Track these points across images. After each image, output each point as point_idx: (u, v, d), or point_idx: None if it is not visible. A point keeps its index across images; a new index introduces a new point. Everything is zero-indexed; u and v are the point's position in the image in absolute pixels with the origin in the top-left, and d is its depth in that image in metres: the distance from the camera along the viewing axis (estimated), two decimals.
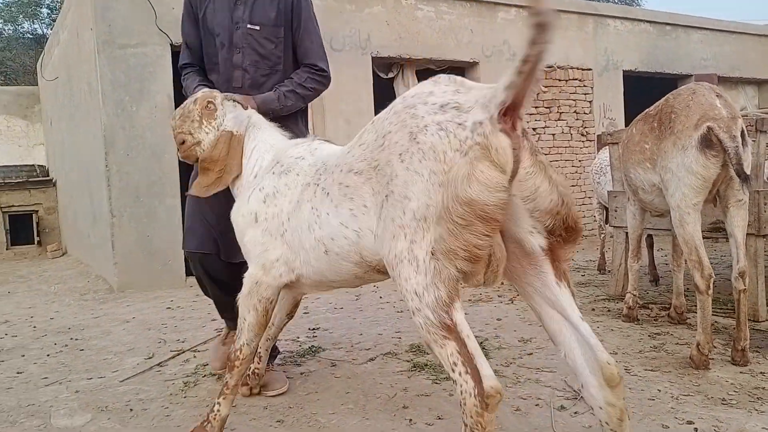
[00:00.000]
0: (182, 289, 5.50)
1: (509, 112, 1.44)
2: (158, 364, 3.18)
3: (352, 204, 1.73)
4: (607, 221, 5.68)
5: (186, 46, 2.79)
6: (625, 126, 8.87)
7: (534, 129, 8.24)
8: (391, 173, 1.56)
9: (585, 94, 8.73)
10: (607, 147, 4.58)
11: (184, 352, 3.42)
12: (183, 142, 2.36)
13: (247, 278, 2.10)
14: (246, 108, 2.39)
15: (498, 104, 1.43)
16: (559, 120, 8.49)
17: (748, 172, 2.55)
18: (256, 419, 2.39)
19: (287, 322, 2.61)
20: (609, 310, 3.94)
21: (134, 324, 4.21)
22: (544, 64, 1.43)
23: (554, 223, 1.55)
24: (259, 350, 2.54)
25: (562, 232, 1.57)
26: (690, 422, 2.18)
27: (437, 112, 1.51)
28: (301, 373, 2.92)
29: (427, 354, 3.08)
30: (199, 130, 2.32)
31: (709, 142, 2.57)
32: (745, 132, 2.60)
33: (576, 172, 8.57)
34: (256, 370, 2.59)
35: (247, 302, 2.09)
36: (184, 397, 2.65)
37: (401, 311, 4.19)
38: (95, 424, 2.38)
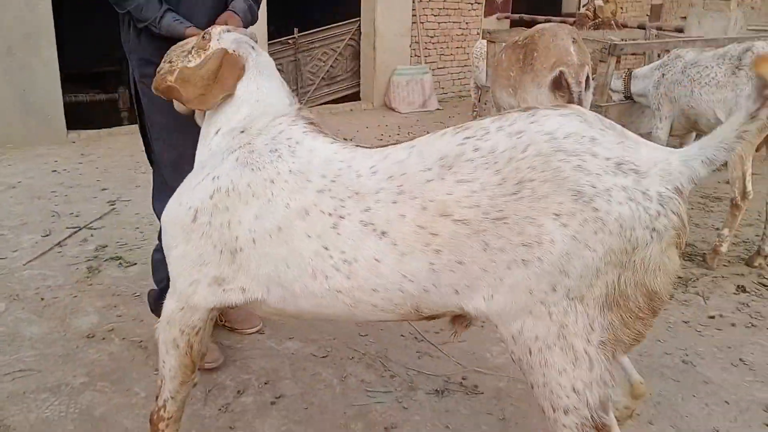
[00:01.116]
0: (64, 147, 5.45)
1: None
2: (57, 244, 3.40)
3: (436, 258, 1.33)
4: (480, 100, 6.17)
5: None
6: None
7: None
8: (538, 235, 1.24)
9: None
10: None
11: (80, 229, 3.63)
12: (159, 70, 1.85)
13: (168, 301, 1.62)
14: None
15: (691, 178, 1.24)
16: None
17: None
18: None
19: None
20: None
21: (21, 191, 4.27)
22: None
23: None
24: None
25: None
26: None
27: (617, 173, 1.21)
28: None
29: None
30: (183, 59, 1.79)
31: (559, 84, 3.00)
32: (590, 77, 3.04)
33: (462, 35, 8.81)
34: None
35: (165, 336, 1.62)
36: (90, 285, 2.95)
37: None
38: (11, 314, 2.67)
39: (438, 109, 7.84)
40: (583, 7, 8.09)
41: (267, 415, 2.11)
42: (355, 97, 8.00)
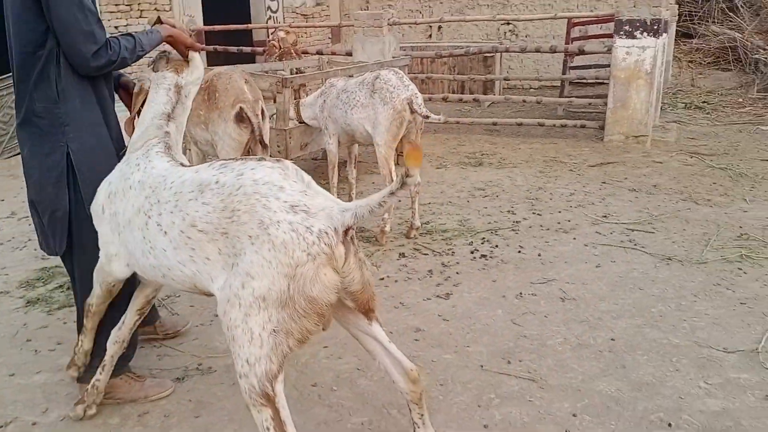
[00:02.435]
0: None
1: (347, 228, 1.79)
2: None
3: (192, 253, 1.89)
4: None
5: (97, 20, 2.30)
6: (204, 22, 9.66)
7: (116, 28, 8.42)
8: (240, 249, 1.76)
9: None
10: None
11: None
12: None
13: (99, 259, 2.32)
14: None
15: (344, 224, 1.77)
16: (140, 18, 8.80)
17: (266, 140, 3.81)
18: None
19: (138, 321, 2.52)
20: None
21: None
22: None
23: (356, 300, 1.94)
24: (104, 361, 2.50)
25: (362, 306, 1.99)
26: None
27: (288, 212, 1.73)
28: None
29: (38, 288, 3.72)
30: None
31: (241, 117, 3.71)
32: (265, 110, 3.81)
33: None
34: (96, 383, 2.51)
35: (96, 276, 2.36)
36: None
37: (1, 243, 4.54)
38: None
39: None
40: (270, 38, 9.00)
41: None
42: None
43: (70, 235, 2.44)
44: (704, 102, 9.34)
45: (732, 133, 7.70)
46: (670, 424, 2.46)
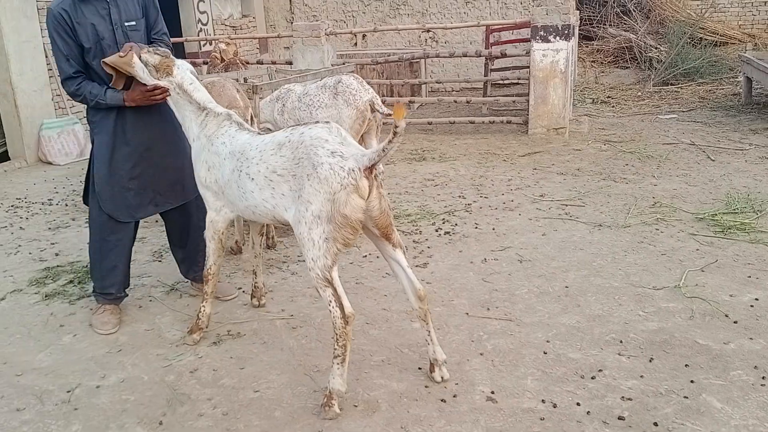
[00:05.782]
0: None
1: (370, 166, 2.46)
2: None
3: (272, 191, 2.63)
4: None
5: (66, 59, 3.11)
6: None
7: None
8: (302, 184, 2.48)
9: None
10: None
11: None
12: None
13: (207, 218, 3.09)
14: None
15: (366, 163, 2.43)
16: None
17: None
18: None
19: (262, 239, 3.53)
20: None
21: None
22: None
23: (377, 224, 2.59)
24: (254, 267, 3.52)
25: (382, 231, 2.62)
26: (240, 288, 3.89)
27: (329, 156, 2.44)
28: None
29: (49, 284, 3.99)
30: None
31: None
32: (253, 114, 4.26)
33: None
34: (256, 283, 3.56)
35: (207, 233, 3.11)
36: None
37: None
38: None
39: None
40: (210, 49, 9.28)
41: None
42: (3, 157, 7.81)
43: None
44: (608, 97, 10.45)
45: (635, 123, 8.74)
46: (621, 341, 3.14)
